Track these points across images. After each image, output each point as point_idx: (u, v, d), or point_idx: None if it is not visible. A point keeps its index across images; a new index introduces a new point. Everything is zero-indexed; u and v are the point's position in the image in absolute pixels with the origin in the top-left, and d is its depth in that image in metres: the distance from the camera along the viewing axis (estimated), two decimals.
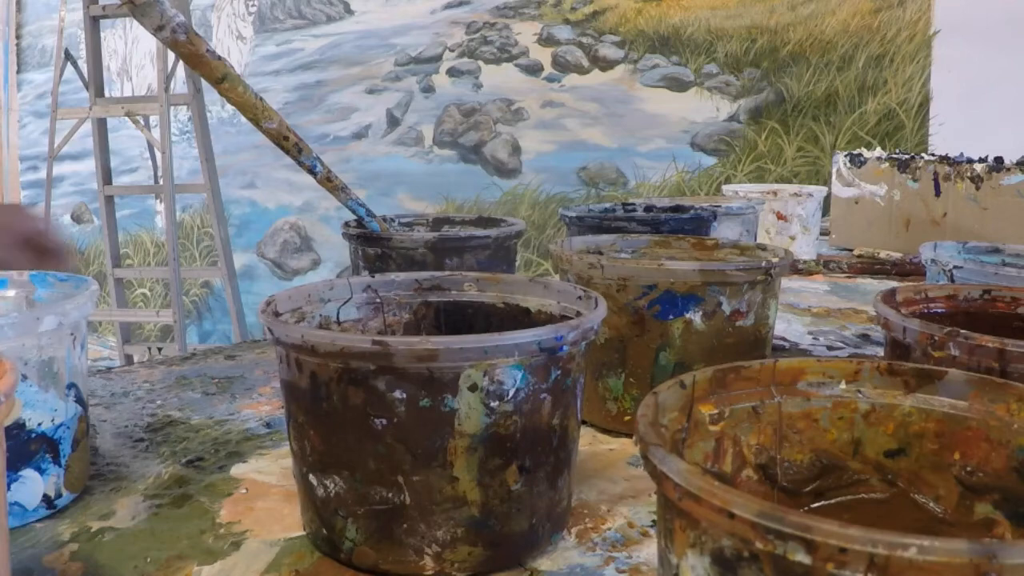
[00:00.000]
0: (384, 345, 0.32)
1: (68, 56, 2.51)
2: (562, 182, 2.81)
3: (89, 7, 2.41)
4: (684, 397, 0.29)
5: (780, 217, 1.09)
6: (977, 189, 1.04)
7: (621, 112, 2.82)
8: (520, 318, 0.44)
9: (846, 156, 1.18)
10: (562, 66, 2.92)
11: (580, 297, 0.41)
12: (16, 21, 3.65)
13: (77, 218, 3.45)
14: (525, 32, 2.94)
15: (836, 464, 0.31)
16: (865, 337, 0.75)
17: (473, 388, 0.33)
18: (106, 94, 2.52)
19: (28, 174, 3.65)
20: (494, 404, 0.33)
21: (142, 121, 2.39)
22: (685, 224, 0.72)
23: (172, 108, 2.39)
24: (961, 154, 1.11)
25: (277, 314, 0.39)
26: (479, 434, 0.33)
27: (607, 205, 0.82)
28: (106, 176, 2.50)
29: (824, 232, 1.23)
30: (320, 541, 0.37)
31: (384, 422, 0.33)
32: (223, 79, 0.48)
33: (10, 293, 0.46)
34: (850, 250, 1.17)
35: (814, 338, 0.74)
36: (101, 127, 2.48)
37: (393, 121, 2.83)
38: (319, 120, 2.82)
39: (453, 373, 0.33)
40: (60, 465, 0.40)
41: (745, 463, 0.30)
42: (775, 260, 0.50)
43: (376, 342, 0.32)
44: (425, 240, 0.60)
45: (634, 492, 0.43)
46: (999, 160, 1.05)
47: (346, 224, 0.64)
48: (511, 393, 0.34)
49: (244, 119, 0.52)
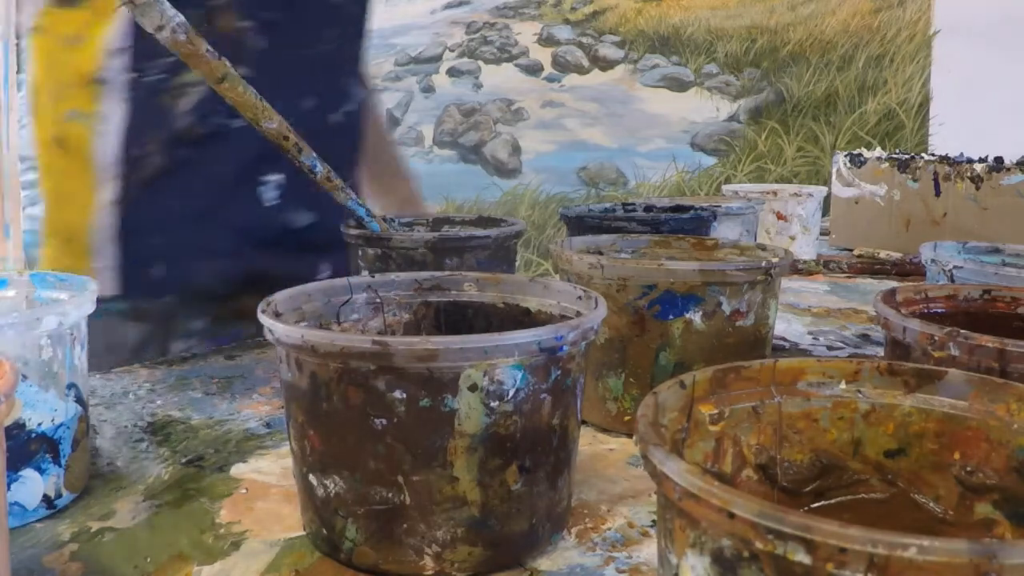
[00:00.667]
0: (384, 345, 0.32)
1: None
2: (562, 182, 2.81)
3: None
4: (684, 397, 0.29)
5: (780, 217, 1.09)
6: (977, 189, 1.04)
7: (621, 112, 2.82)
8: (520, 318, 0.44)
9: (846, 156, 1.19)
10: (562, 66, 2.92)
11: (580, 297, 0.41)
12: (16, 21, 3.64)
13: None
14: (525, 32, 2.95)
15: (836, 464, 0.31)
16: (865, 337, 0.75)
17: (473, 388, 0.33)
18: None
19: (28, 174, 3.64)
20: (494, 404, 0.33)
21: None
22: (685, 224, 0.72)
23: None
24: (961, 154, 1.11)
25: (277, 314, 0.39)
26: (479, 434, 0.33)
27: (607, 205, 0.82)
28: None
29: (824, 232, 1.23)
30: (320, 541, 0.37)
31: (384, 422, 0.33)
32: (223, 79, 0.48)
33: (10, 293, 0.46)
34: (850, 250, 1.17)
35: (814, 338, 0.74)
36: None
37: (393, 121, 2.83)
38: None
39: (453, 373, 0.33)
40: (60, 465, 0.40)
41: (745, 463, 0.30)
42: (775, 260, 0.50)
43: (376, 342, 0.32)
44: (425, 240, 0.60)
45: (634, 492, 0.43)
46: (999, 160, 1.05)
47: (346, 224, 0.64)
48: (511, 393, 0.34)
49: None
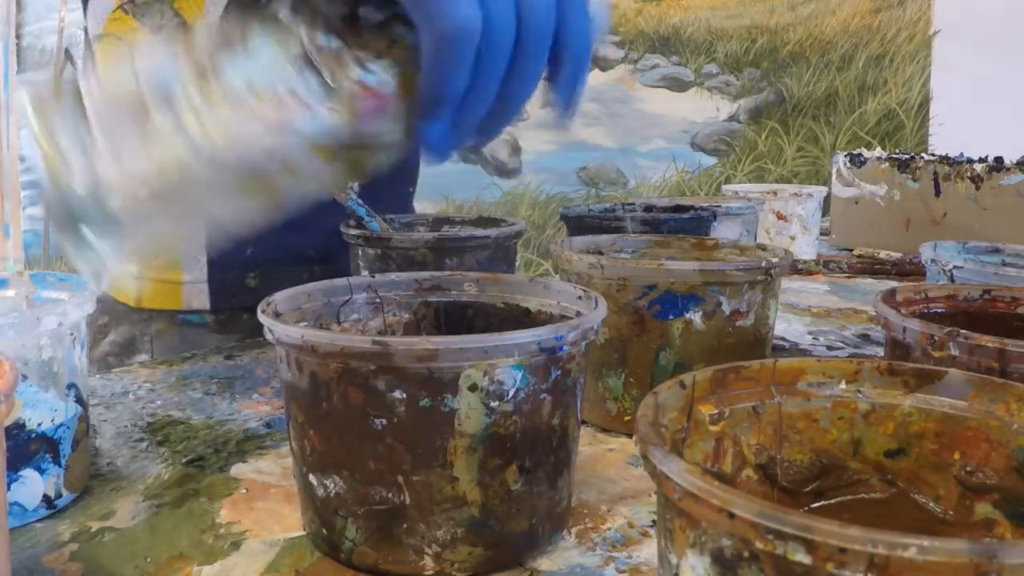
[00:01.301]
0: (384, 345, 0.32)
1: (68, 56, 2.51)
2: (562, 182, 2.81)
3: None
4: (684, 397, 0.29)
5: (780, 217, 1.09)
6: (977, 189, 1.04)
7: (621, 112, 2.82)
8: (520, 318, 0.44)
9: (846, 156, 1.19)
10: None
11: (580, 297, 0.41)
12: (16, 21, 3.65)
13: None
14: None
15: (836, 464, 0.31)
16: (865, 337, 0.75)
17: (473, 388, 0.33)
18: None
19: (28, 174, 3.65)
20: (494, 404, 0.33)
21: None
22: (685, 224, 0.72)
23: None
24: (961, 154, 1.11)
25: (277, 314, 0.39)
26: (479, 434, 0.33)
27: (607, 205, 0.82)
28: None
29: (824, 232, 1.23)
30: (320, 541, 0.37)
31: (384, 422, 0.33)
32: None
33: (10, 293, 0.46)
34: (850, 250, 1.17)
35: (814, 338, 0.74)
36: None
37: None
38: None
39: (453, 373, 0.33)
40: (60, 465, 0.40)
41: (745, 463, 0.30)
42: (775, 260, 0.50)
43: (376, 342, 0.32)
44: (425, 240, 0.60)
45: (634, 492, 0.43)
46: (999, 160, 1.05)
47: (346, 224, 0.64)
48: (511, 393, 0.34)
49: None
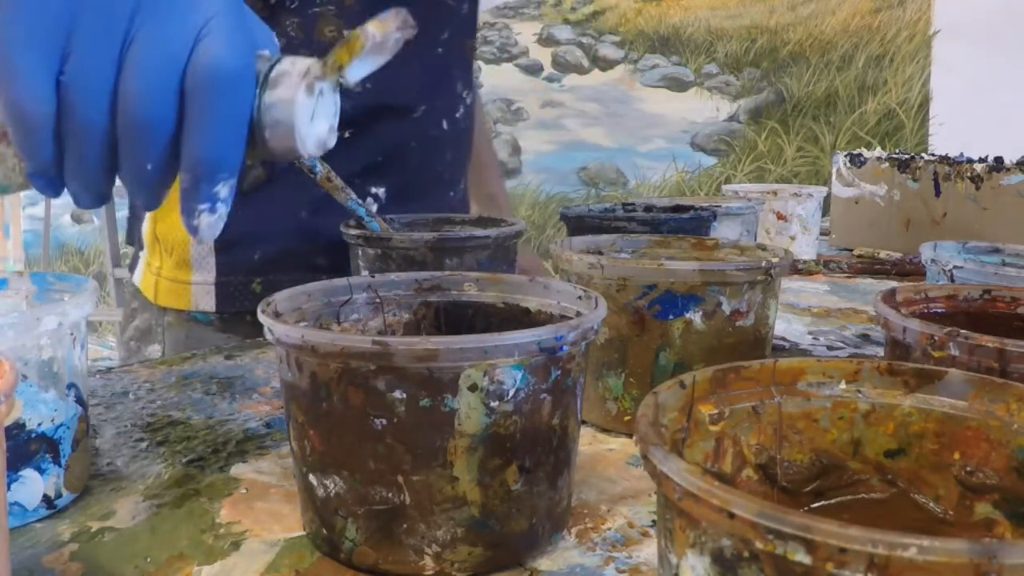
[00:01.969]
0: (384, 345, 0.32)
1: None
2: (562, 182, 2.81)
3: None
4: (684, 397, 0.29)
5: (780, 217, 1.09)
6: (977, 189, 1.04)
7: (621, 112, 2.83)
8: (520, 318, 0.44)
9: (846, 156, 1.19)
10: (562, 66, 2.92)
11: (580, 297, 0.41)
12: None
13: (77, 218, 3.45)
14: (525, 32, 2.95)
15: (836, 464, 0.31)
16: (865, 337, 0.75)
17: (473, 388, 0.33)
18: None
19: None
20: (494, 404, 0.33)
21: None
22: (685, 224, 0.72)
23: None
24: (961, 154, 1.11)
25: (277, 314, 0.39)
26: (479, 434, 0.33)
27: (607, 205, 0.82)
28: None
29: (824, 232, 1.23)
30: (320, 541, 0.37)
31: (384, 422, 0.33)
32: None
33: (10, 293, 0.46)
34: (850, 250, 1.17)
35: (814, 338, 0.74)
36: None
37: None
38: None
39: (453, 373, 0.33)
40: (60, 465, 0.40)
41: (745, 463, 0.30)
42: (775, 260, 0.50)
43: (376, 342, 0.32)
44: (425, 240, 0.60)
45: (634, 492, 0.43)
46: (999, 160, 1.05)
47: (346, 224, 0.64)
48: (511, 393, 0.34)
49: None
